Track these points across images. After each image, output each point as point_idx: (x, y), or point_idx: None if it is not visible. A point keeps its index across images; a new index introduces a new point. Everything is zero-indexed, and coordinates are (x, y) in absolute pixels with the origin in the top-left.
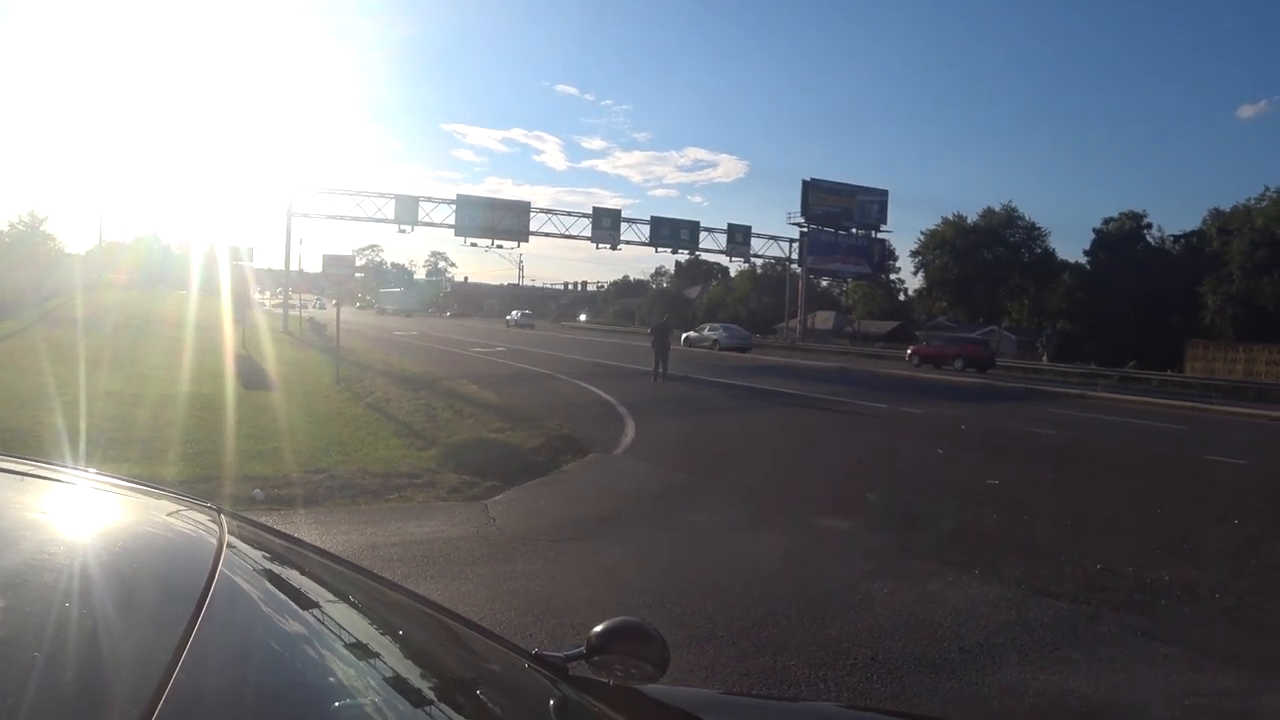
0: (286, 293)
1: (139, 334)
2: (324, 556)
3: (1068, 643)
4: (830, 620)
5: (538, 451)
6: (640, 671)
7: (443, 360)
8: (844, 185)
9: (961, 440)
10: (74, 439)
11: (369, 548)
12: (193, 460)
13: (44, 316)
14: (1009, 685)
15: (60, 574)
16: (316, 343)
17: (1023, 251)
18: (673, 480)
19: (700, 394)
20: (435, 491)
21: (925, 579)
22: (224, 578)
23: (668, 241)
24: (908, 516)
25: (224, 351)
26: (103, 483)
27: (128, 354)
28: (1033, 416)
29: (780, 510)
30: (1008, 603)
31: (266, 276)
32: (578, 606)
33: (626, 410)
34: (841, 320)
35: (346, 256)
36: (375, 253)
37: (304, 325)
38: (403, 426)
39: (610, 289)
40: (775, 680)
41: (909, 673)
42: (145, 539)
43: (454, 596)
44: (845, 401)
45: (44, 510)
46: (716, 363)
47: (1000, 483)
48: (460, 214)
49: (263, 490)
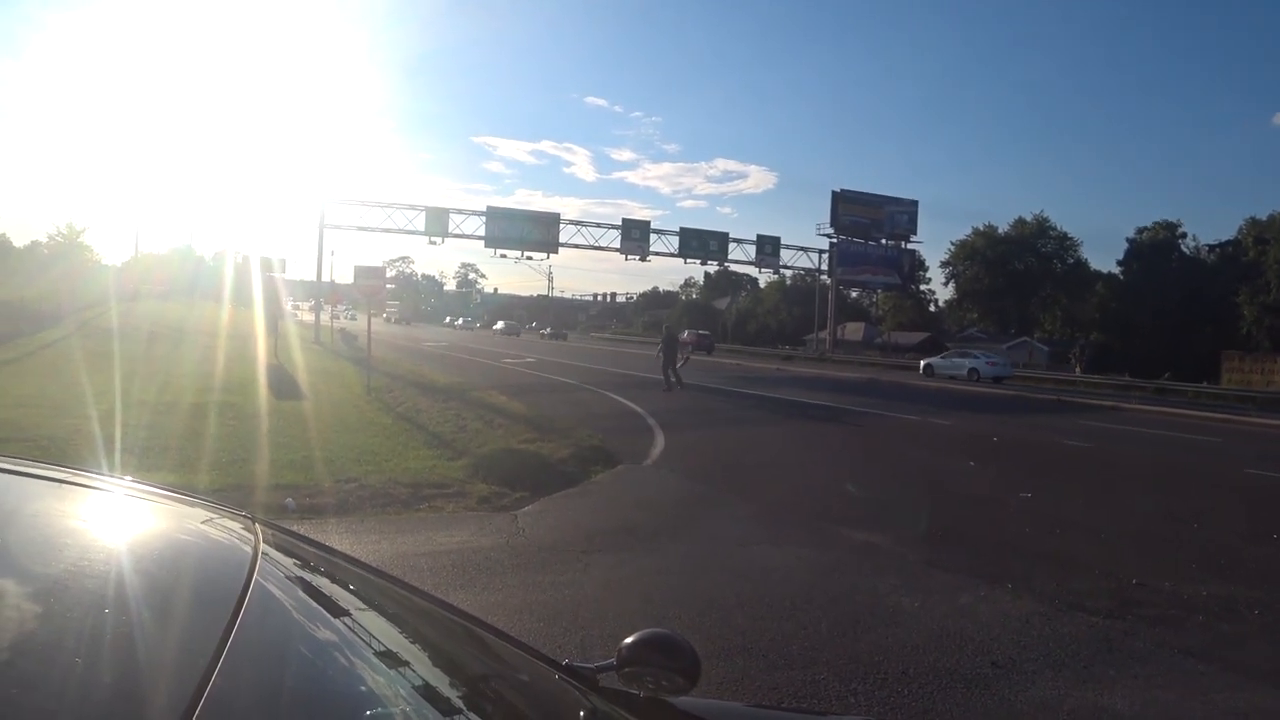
0: (319, 304)
1: (173, 344)
2: (356, 565)
3: (1102, 659)
4: (861, 634)
5: (567, 462)
6: (671, 683)
7: (472, 371)
8: (873, 196)
9: (993, 452)
10: (110, 447)
11: (399, 557)
12: (226, 469)
13: (82, 326)
14: (1042, 701)
15: (100, 580)
16: (348, 353)
17: (1055, 262)
18: (702, 492)
19: (731, 405)
20: (465, 501)
21: (956, 592)
22: (259, 586)
23: (697, 253)
24: (938, 529)
25: (256, 361)
26: (139, 491)
27: (162, 363)
28: (1065, 428)
29: (810, 522)
30: (1040, 617)
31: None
32: (607, 617)
33: (656, 421)
34: (871, 331)
35: (378, 268)
36: (406, 264)
37: (335, 336)
38: (433, 437)
39: (640, 300)
40: (806, 694)
41: (940, 687)
42: (182, 547)
43: (484, 606)
44: (875, 413)
45: (83, 518)
46: (748, 374)
47: (1032, 495)
48: (490, 226)
49: (294, 499)
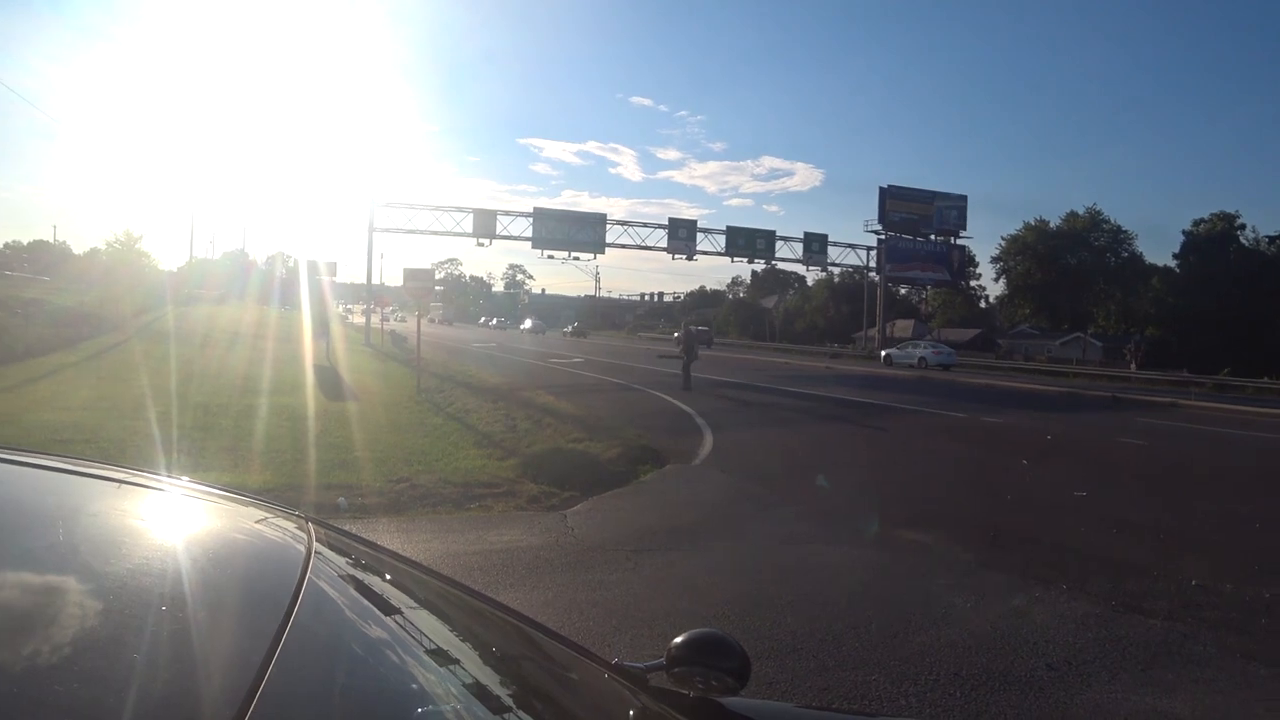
0: (369, 306)
1: (226, 347)
2: (407, 564)
3: (1161, 662)
4: (912, 635)
5: (616, 461)
6: (720, 683)
7: (520, 371)
8: (921, 191)
9: (1046, 450)
10: (168, 448)
11: (450, 556)
12: (279, 469)
13: (139, 331)
14: (1099, 705)
15: (158, 578)
16: (397, 355)
17: (1108, 256)
18: (751, 491)
19: (779, 404)
20: (515, 501)
21: (1009, 594)
22: (312, 584)
23: (743, 251)
24: (990, 529)
25: (308, 363)
26: (195, 490)
27: (216, 366)
28: (1121, 426)
29: (860, 522)
30: (1097, 619)
31: (349, 290)
32: (657, 617)
33: (704, 421)
34: (921, 329)
35: (426, 270)
36: (454, 266)
37: (385, 337)
38: (482, 437)
39: (686, 299)
40: (857, 695)
41: (993, 690)
42: (237, 545)
43: (533, 605)
44: (926, 411)
45: (141, 517)
46: (796, 373)
47: (1087, 494)
48: (537, 227)
49: (346, 498)
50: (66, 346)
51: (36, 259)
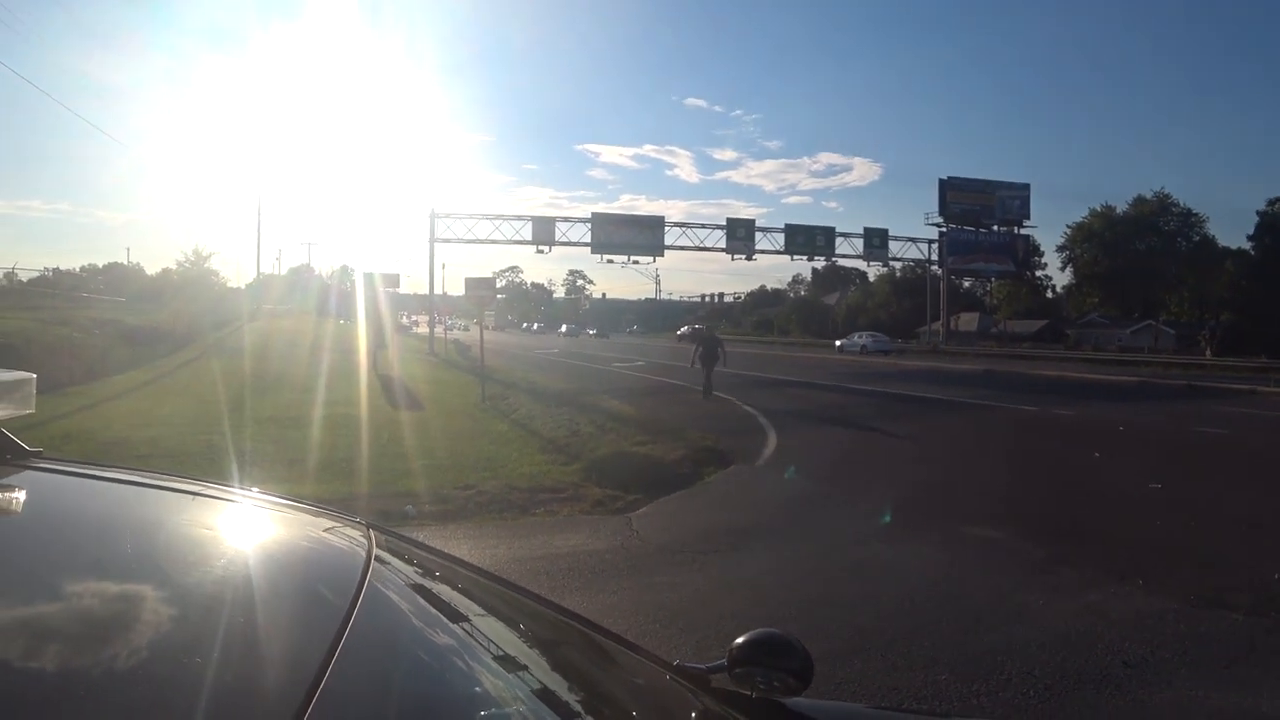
0: (433, 316)
1: (295, 360)
2: (467, 569)
3: (1245, 658)
4: (982, 633)
5: (680, 464)
6: (783, 684)
7: (583, 376)
8: (983, 182)
9: (1119, 442)
10: (241, 460)
11: (516, 561)
12: (349, 478)
13: (210, 347)
14: (1179, 703)
15: (224, 585)
16: (462, 363)
17: (1179, 240)
18: (816, 490)
19: (844, 402)
20: (580, 505)
21: (1083, 590)
22: (371, 587)
23: (803, 249)
24: (1063, 524)
25: (373, 374)
26: (262, 500)
27: (286, 378)
28: (1196, 415)
29: (927, 519)
30: (1176, 615)
31: (413, 301)
32: (722, 618)
33: (768, 421)
34: (986, 321)
35: (487, 279)
36: (515, 273)
37: (449, 346)
38: (547, 442)
39: (747, 300)
40: (926, 695)
41: (1067, 688)
42: (300, 553)
43: (598, 608)
44: (991, 405)
45: (210, 526)
46: (861, 370)
47: (1163, 486)
48: (596, 232)
49: (414, 506)
50: (141, 365)
51: (111, 280)
